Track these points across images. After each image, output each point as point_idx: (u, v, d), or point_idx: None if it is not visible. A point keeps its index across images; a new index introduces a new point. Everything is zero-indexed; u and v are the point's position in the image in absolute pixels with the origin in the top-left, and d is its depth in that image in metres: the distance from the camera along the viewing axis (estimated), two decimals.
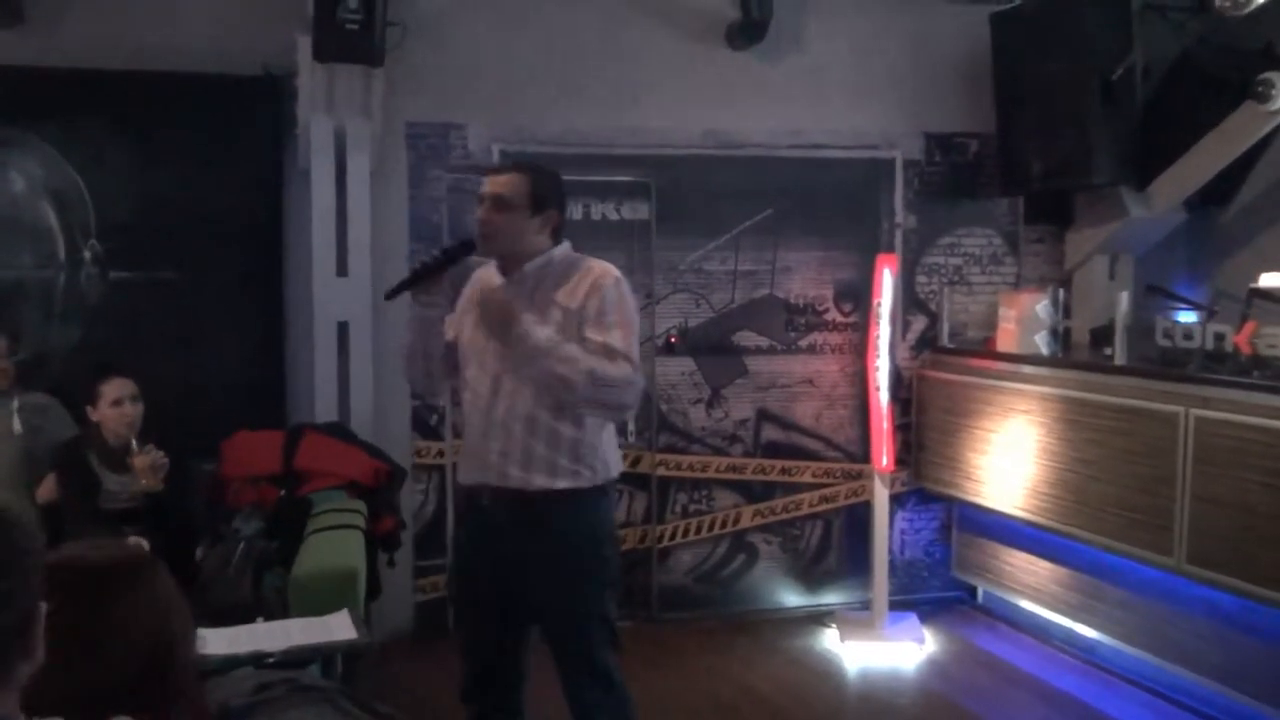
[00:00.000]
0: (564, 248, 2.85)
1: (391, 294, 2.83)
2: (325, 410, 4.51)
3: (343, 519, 3.68)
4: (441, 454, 4.83)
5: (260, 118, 4.60)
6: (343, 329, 4.58)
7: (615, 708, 2.85)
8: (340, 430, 4.35)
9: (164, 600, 1.59)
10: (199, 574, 3.40)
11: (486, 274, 2.89)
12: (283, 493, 3.88)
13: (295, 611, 3.01)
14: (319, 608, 2.85)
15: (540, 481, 2.73)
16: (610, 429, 2.87)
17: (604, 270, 2.79)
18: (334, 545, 3.46)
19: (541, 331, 2.65)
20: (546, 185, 2.82)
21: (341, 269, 4.57)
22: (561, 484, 2.74)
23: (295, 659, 2.40)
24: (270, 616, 3.00)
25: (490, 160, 4.78)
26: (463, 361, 2.87)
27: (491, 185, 2.79)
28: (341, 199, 4.55)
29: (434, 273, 2.77)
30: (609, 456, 2.84)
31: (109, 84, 4.40)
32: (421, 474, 4.82)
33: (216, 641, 2.40)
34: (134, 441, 3.37)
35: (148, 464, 3.31)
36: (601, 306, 2.71)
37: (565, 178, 2.93)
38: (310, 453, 4.04)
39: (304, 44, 4.29)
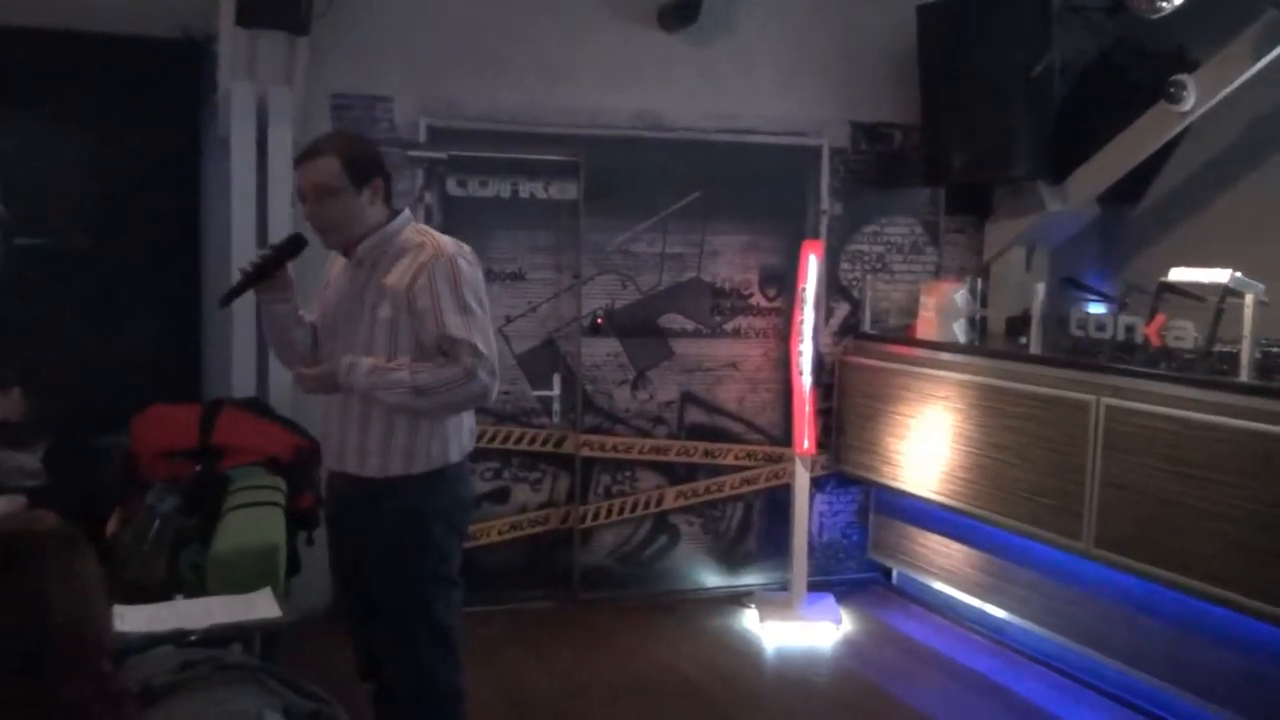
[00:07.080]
0: (400, 220, 2.75)
1: (225, 301, 2.77)
2: (243, 385, 4.40)
3: (262, 495, 3.60)
4: None
5: (178, 83, 4.45)
6: None
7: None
8: (259, 405, 4.25)
9: (81, 575, 1.56)
10: (112, 550, 3.30)
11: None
12: (200, 468, 3.77)
13: (214, 588, 2.93)
14: (240, 585, 2.80)
15: (372, 470, 2.73)
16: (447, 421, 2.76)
17: (435, 248, 2.67)
18: (254, 522, 3.38)
19: (360, 371, 2.64)
20: (360, 155, 2.70)
21: (261, 240, 4.44)
22: (394, 471, 2.71)
23: (217, 637, 2.35)
24: (188, 594, 2.94)
25: (417, 135, 4.70)
26: (320, 340, 2.84)
27: (305, 176, 2.68)
28: (262, 169, 4.43)
29: (266, 274, 2.70)
30: (438, 444, 2.75)
31: (16, 42, 4.21)
32: None
33: (135, 619, 2.33)
34: None
35: None
36: (434, 290, 2.62)
37: (493, 155, 2.86)
38: (228, 428, 3.93)
39: (226, 7, 4.15)
